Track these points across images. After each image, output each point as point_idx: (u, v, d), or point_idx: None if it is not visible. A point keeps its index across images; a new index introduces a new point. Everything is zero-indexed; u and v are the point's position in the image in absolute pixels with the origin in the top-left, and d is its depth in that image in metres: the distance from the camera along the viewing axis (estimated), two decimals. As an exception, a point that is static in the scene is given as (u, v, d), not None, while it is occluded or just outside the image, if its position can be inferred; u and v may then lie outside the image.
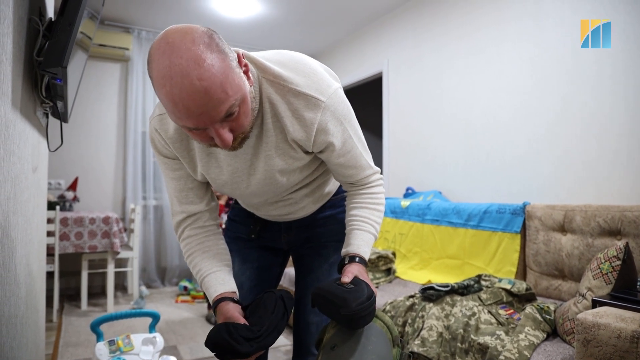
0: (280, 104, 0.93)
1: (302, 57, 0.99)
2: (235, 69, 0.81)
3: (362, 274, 1.01)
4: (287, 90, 0.92)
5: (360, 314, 0.89)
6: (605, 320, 1.23)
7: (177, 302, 3.91)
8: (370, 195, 1.11)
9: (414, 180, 3.65)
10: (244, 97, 0.83)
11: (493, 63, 2.92)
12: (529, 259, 2.30)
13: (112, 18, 4.22)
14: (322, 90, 0.93)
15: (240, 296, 1.32)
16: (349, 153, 1.03)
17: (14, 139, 1.10)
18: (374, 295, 0.95)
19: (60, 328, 3.11)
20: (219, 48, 0.78)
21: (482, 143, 3.00)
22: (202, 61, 0.74)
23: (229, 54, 0.80)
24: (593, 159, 2.30)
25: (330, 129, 0.96)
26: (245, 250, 1.35)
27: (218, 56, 0.77)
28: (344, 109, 0.98)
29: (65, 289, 4.15)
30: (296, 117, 0.94)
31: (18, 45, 1.11)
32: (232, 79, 0.78)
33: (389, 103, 3.99)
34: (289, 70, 0.93)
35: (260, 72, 0.93)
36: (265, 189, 1.10)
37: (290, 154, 1.00)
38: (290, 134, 0.96)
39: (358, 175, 1.10)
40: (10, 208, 1.08)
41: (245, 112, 0.84)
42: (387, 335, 0.93)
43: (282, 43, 4.82)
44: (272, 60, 0.95)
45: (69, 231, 3.41)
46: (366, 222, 1.09)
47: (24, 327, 1.34)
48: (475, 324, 1.75)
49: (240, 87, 0.81)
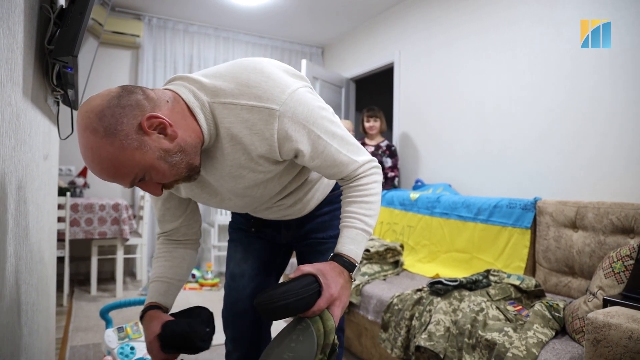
0: (235, 125, 0.91)
1: (256, 65, 0.94)
2: (129, 147, 0.82)
3: (327, 271, 0.96)
4: (240, 108, 0.90)
5: (262, 305, 0.91)
6: (617, 320, 1.22)
7: (184, 289, 3.95)
8: (358, 188, 1.06)
9: (423, 172, 3.63)
10: (149, 166, 0.85)
11: (506, 56, 2.87)
12: (538, 255, 2.28)
13: (123, 5, 4.20)
14: (274, 98, 0.89)
15: (241, 284, 1.36)
16: (323, 153, 0.98)
17: (25, 127, 1.10)
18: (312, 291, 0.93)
19: (71, 313, 3.16)
20: (107, 131, 0.80)
21: (493, 136, 2.97)
22: (91, 149, 0.81)
23: (120, 131, 0.81)
24: (607, 156, 2.26)
25: (293, 135, 0.92)
26: (248, 239, 1.38)
27: (106, 141, 0.80)
28: (304, 111, 0.92)
29: (75, 274, 4.21)
30: (254, 132, 0.91)
31: (29, 34, 1.11)
32: (124, 159, 0.82)
33: (400, 94, 3.96)
34: (241, 85, 0.90)
35: (211, 98, 0.91)
36: (246, 202, 1.13)
37: (258, 169, 0.98)
38: (254, 152, 0.93)
39: (342, 173, 1.05)
40: (21, 197, 1.08)
41: (161, 173, 0.88)
42: (319, 340, 0.90)
43: (293, 32, 4.79)
44: (225, 77, 0.92)
45: (79, 217, 3.44)
46: (353, 217, 1.04)
47: (35, 314, 1.36)
48: (483, 320, 1.74)
49: (137, 162, 0.84)
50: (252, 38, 4.91)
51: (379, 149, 3.67)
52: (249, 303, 1.35)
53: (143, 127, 0.83)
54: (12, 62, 0.93)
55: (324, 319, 0.93)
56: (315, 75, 4.29)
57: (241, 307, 1.36)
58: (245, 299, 1.35)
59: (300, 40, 5.09)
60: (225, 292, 1.42)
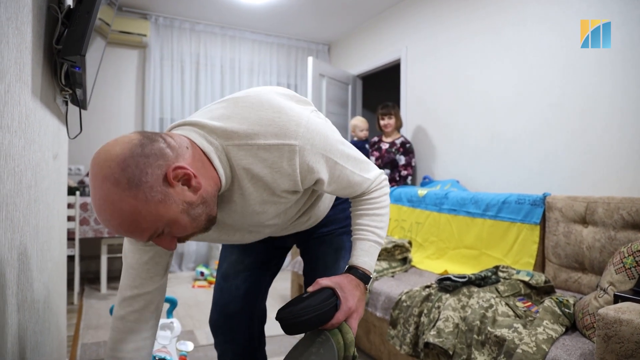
0: (255, 165, 0.88)
1: (262, 99, 0.90)
2: (153, 200, 0.77)
3: (344, 284, 0.98)
4: (257, 148, 0.86)
5: (285, 321, 0.93)
6: (628, 316, 1.20)
7: (193, 287, 3.97)
8: (369, 201, 1.08)
9: (431, 169, 3.61)
10: (171, 220, 0.80)
11: (515, 51, 2.85)
12: (548, 250, 2.27)
13: (130, 4, 4.22)
14: (291, 133, 0.86)
15: (234, 285, 1.35)
16: (339, 178, 0.98)
17: (34, 127, 1.11)
18: (331, 305, 0.94)
19: (81, 311, 3.19)
20: (130, 182, 0.74)
21: (501, 132, 2.95)
22: (111, 202, 0.75)
23: (144, 183, 0.75)
24: (616, 151, 2.24)
25: (314, 167, 0.91)
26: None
27: (129, 194, 0.74)
28: (321, 140, 0.91)
29: (86, 273, 4.25)
30: (276, 170, 0.88)
31: (37, 34, 1.12)
32: (146, 213, 0.76)
33: (407, 91, 3.94)
34: (253, 124, 0.86)
35: (224, 141, 0.87)
36: (267, 231, 1.12)
37: (280, 201, 0.97)
38: (278, 188, 0.92)
39: (356, 192, 1.06)
40: (31, 196, 1.09)
41: (182, 227, 0.82)
42: (340, 353, 0.92)
43: (299, 30, 4.78)
44: (233, 118, 0.88)
45: (89, 216, 3.47)
46: (365, 229, 1.07)
47: (47, 312, 1.37)
48: (492, 316, 1.74)
49: (160, 215, 0.78)
50: (259, 36, 4.91)
51: (393, 146, 3.64)
52: (242, 303, 1.34)
53: (168, 179, 0.78)
54: (21, 62, 0.94)
55: (343, 331, 0.95)
56: (321, 72, 4.28)
57: (234, 308, 1.34)
58: (239, 299, 1.34)
59: (306, 37, 5.08)
60: (215, 294, 1.38)
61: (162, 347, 1.75)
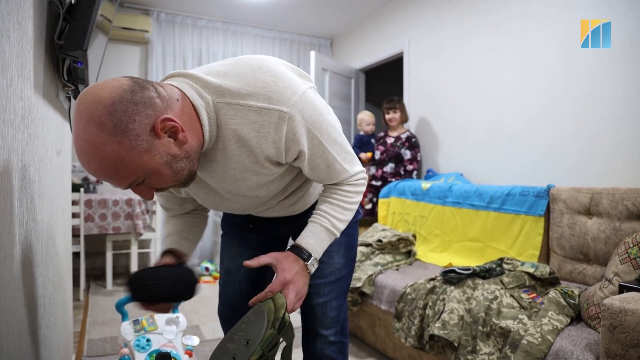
0: (242, 127, 0.87)
1: (262, 63, 0.90)
2: (138, 148, 0.76)
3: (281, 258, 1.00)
4: (247, 109, 0.86)
5: (131, 283, 1.00)
6: (633, 306, 1.20)
7: (199, 282, 3.98)
8: (340, 192, 1.07)
9: (435, 162, 3.60)
10: (153, 170, 0.80)
11: (518, 44, 2.83)
12: (552, 242, 2.26)
13: (131, 0, 4.22)
14: (284, 100, 0.86)
15: (237, 279, 1.36)
16: (320, 159, 0.98)
17: (37, 122, 1.11)
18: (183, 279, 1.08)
19: (87, 307, 3.21)
20: (117, 128, 0.73)
21: (505, 125, 2.93)
22: (93, 145, 0.74)
23: (131, 130, 0.75)
24: (620, 141, 2.22)
25: (300, 138, 0.91)
26: (244, 233, 1.36)
27: (113, 139, 0.73)
28: (312, 114, 0.91)
29: (91, 269, 4.27)
30: (262, 134, 0.88)
31: (39, 29, 1.12)
32: (129, 161, 0.76)
33: (410, 84, 3.92)
34: (247, 84, 0.86)
35: (216, 97, 0.87)
36: (248, 203, 1.11)
37: (262, 172, 0.96)
38: (261, 154, 0.91)
39: (332, 180, 1.05)
40: (35, 191, 1.10)
41: (162, 178, 0.83)
42: (270, 317, 0.93)
43: (301, 24, 4.76)
44: (230, 76, 0.88)
45: (94, 213, 3.48)
46: (323, 215, 1.05)
47: (52, 307, 1.38)
48: (497, 308, 1.74)
49: (142, 165, 0.78)
50: (261, 31, 4.89)
51: (398, 141, 3.62)
52: (246, 296, 1.34)
53: (156, 130, 0.78)
54: (22, 57, 0.94)
55: (275, 298, 0.97)
56: (324, 66, 4.27)
57: (238, 302, 1.35)
58: (242, 293, 1.35)
59: (308, 31, 5.06)
60: (220, 288, 1.41)
61: (168, 341, 1.76)
